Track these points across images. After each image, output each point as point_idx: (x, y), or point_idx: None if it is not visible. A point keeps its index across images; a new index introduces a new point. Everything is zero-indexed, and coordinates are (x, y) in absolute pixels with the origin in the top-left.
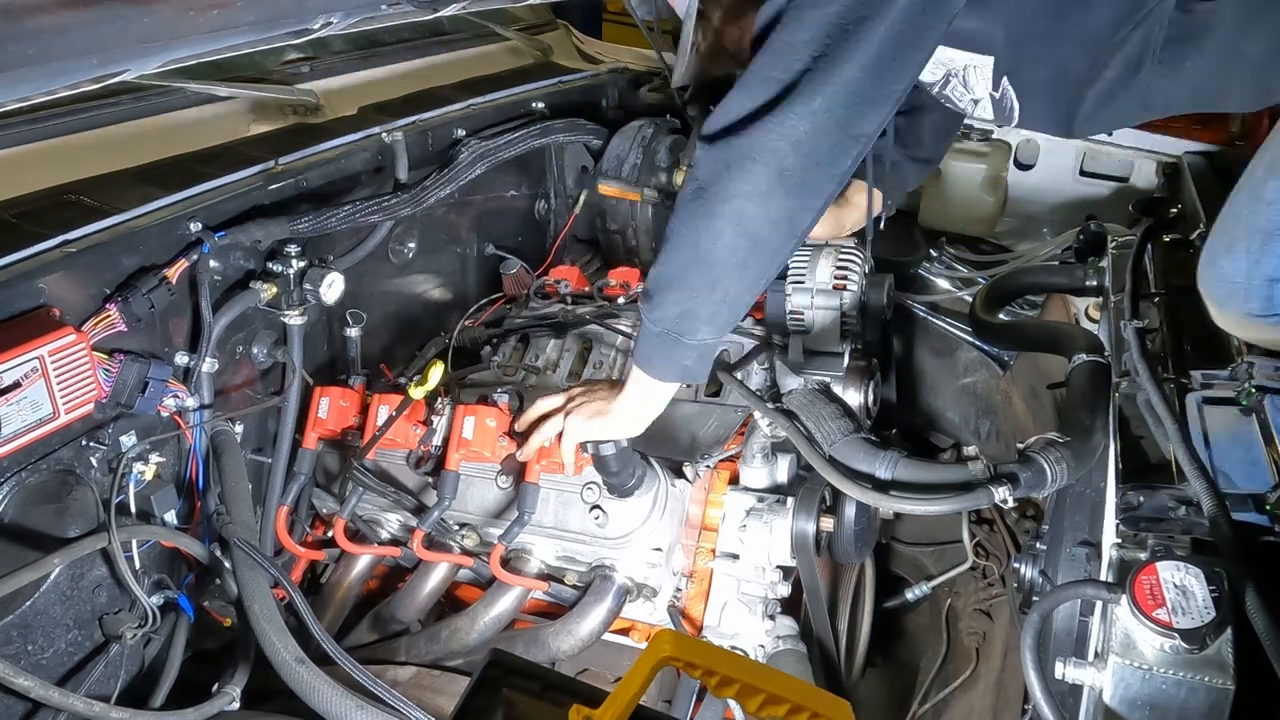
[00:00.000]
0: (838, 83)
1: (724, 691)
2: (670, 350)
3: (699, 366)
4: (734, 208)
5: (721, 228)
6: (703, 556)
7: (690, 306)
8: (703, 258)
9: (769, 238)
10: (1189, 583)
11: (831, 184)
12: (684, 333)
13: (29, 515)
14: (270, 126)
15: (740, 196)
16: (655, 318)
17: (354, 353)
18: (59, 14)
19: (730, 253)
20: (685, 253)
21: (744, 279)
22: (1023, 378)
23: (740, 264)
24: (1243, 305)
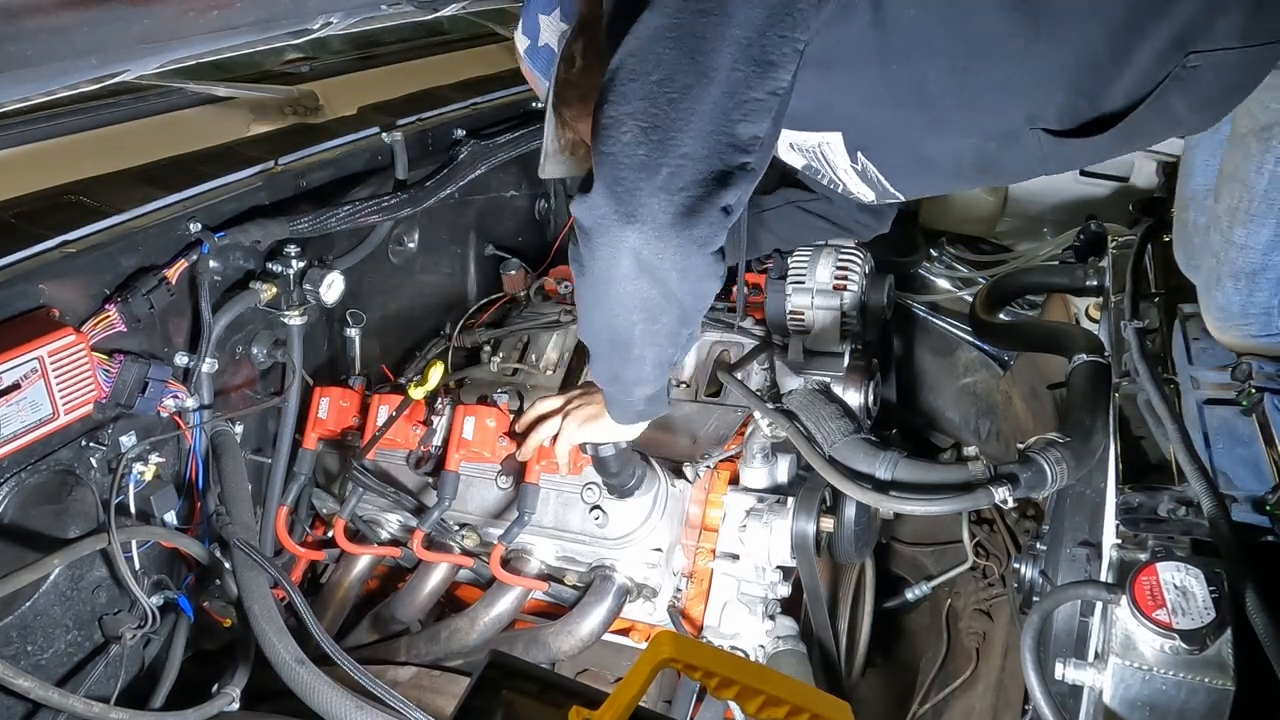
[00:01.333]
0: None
1: (724, 693)
2: (619, 403)
3: (651, 407)
4: (621, 292)
5: (613, 308)
6: (703, 557)
7: (616, 373)
8: (609, 335)
9: (666, 307)
10: (1189, 583)
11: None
12: (617, 390)
13: (29, 516)
14: (270, 126)
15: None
16: (596, 379)
17: (354, 353)
18: (59, 14)
19: (630, 329)
20: (594, 330)
21: (657, 343)
22: (1023, 378)
23: (645, 335)
24: (1241, 329)
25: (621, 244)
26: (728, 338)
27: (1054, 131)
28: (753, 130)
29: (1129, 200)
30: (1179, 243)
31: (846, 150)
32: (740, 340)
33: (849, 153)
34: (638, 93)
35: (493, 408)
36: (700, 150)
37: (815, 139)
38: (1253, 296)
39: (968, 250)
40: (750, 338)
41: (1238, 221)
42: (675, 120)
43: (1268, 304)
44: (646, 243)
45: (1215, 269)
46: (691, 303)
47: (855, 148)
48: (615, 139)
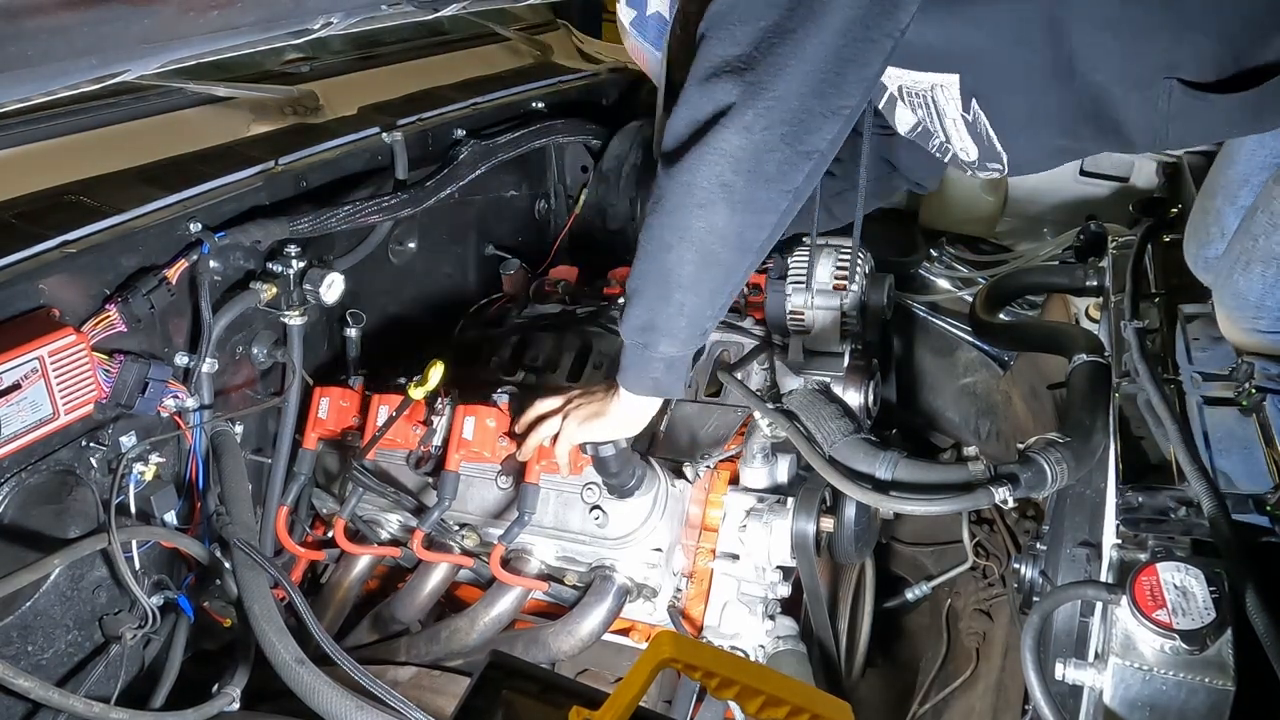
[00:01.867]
0: (773, 99)
1: (724, 693)
2: (639, 362)
3: (668, 379)
4: (683, 222)
5: (672, 242)
6: (703, 557)
7: (650, 319)
8: (659, 271)
9: (720, 253)
10: (1189, 584)
11: (784, 200)
12: (647, 344)
13: (29, 516)
14: (270, 126)
15: (688, 212)
16: (625, 329)
17: (354, 353)
18: (59, 14)
19: (682, 267)
20: (644, 265)
21: (700, 293)
22: (1023, 378)
23: (694, 279)
24: (1253, 321)
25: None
26: (728, 338)
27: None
28: (861, 73)
29: (1129, 200)
30: (1194, 232)
31: (961, 96)
32: (740, 340)
33: (963, 99)
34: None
35: (493, 408)
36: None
37: (930, 81)
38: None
39: (968, 250)
40: (750, 338)
41: None
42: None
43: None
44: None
45: (1247, 252)
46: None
47: (971, 93)
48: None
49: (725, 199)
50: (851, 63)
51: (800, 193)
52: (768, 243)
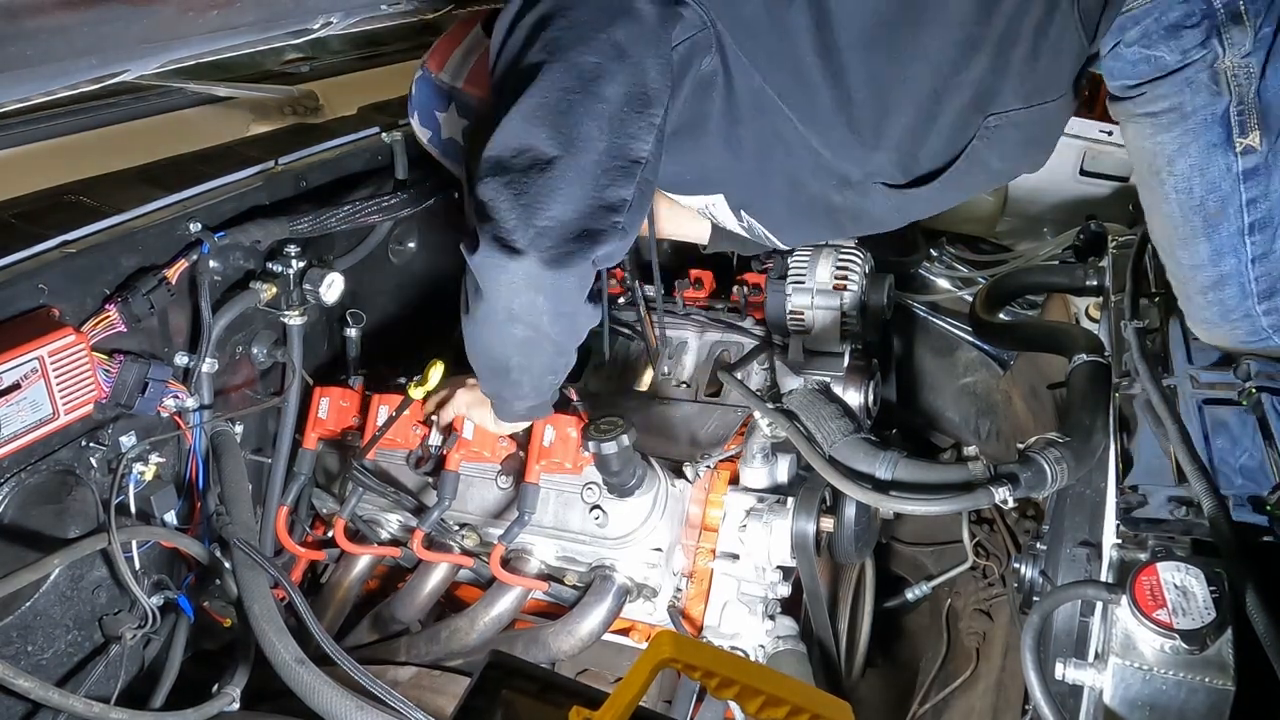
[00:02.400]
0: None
1: (724, 693)
2: (502, 408)
3: (535, 414)
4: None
5: (492, 343)
6: (703, 556)
7: (498, 391)
8: (491, 365)
9: (539, 342)
10: (1189, 583)
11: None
12: (503, 404)
13: (29, 516)
14: (270, 126)
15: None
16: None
17: (354, 353)
18: (59, 14)
19: (509, 359)
20: (476, 357)
21: (532, 371)
22: (1023, 378)
23: (522, 364)
24: (1230, 335)
25: (501, 292)
26: (728, 338)
27: (891, 185)
28: (619, 194)
29: (1129, 200)
30: None
31: (731, 210)
32: (740, 340)
33: (734, 212)
34: (513, 165)
35: None
36: (569, 213)
37: (702, 201)
38: (1225, 304)
39: (968, 250)
40: (750, 338)
41: (1175, 247)
42: (544, 189)
43: (1242, 307)
44: (519, 293)
45: (1183, 288)
46: (564, 340)
47: (738, 207)
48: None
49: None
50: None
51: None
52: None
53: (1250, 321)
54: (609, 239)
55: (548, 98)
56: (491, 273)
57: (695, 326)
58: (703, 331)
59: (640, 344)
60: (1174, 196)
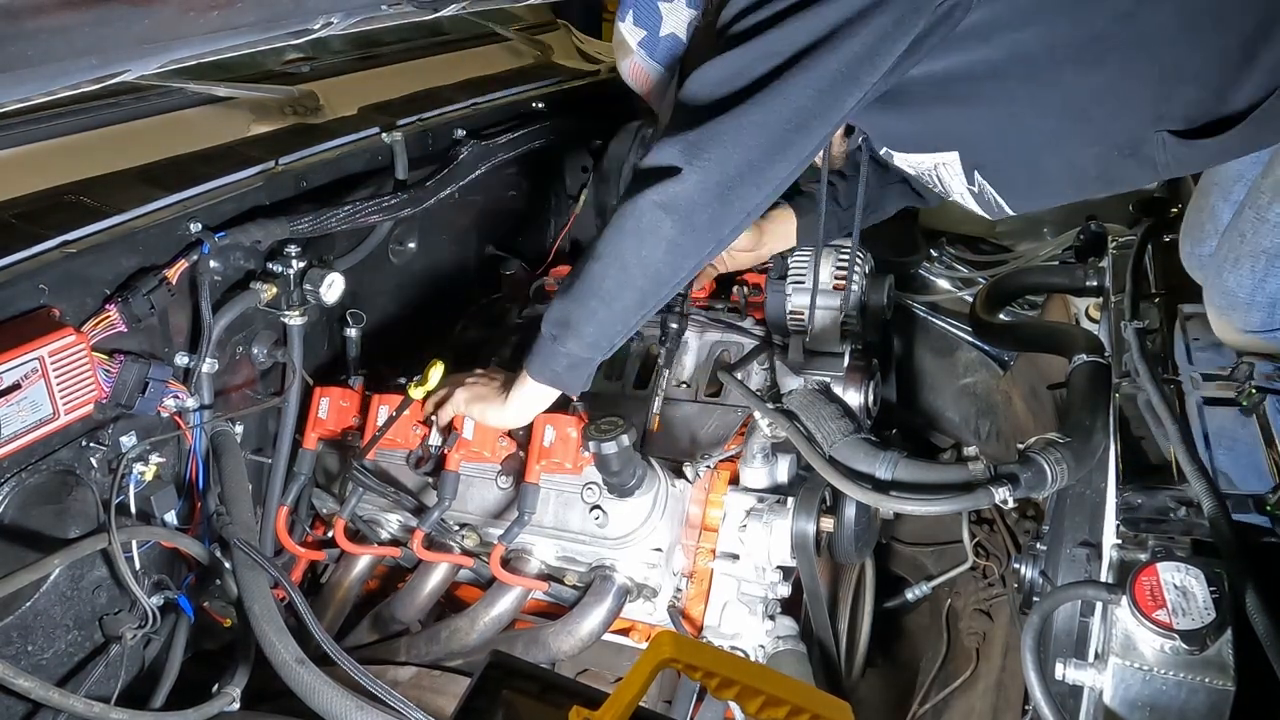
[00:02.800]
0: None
1: (724, 693)
2: (546, 352)
3: (568, 376)
4: (616, 242)
5: (603, 254)
6: (703, 556)
7: (565, 315)
8: (585, 276)
9: (638, 279)
10: (1189, 584)
11: (708, 246)
12: (557, 337)
13: (29, 516)
14: (270, 126)
15: (622, 235)
16: (545, 318)
17: (354, 353)
18: (59, 14)
19: (605, 279)
20: (578, 267)
21: (612, 307)
22: (1023, 378)
23: (611, 293)
24: (1244, 319)
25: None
26: (728, 338)
27: (1179, 133)
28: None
29: (1129, 200)
30: (1189, 230)
31: (964, 170)
32: (740, 340)
33: (965, 173)
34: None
35: None
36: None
37: (931, 160)
38: (1266, 281)
39: (968, 250)
40: (750, 338)
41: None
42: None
43: (1276, 294)
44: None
45: (1237, 248)
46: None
47: (972, 167)
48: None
49: (654, 235)
50: (789, 145)
51: (724, 241)
52: (685, 279)
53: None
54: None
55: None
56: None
57: (695, 326)
58: (703, 331)
59: (640, 344)
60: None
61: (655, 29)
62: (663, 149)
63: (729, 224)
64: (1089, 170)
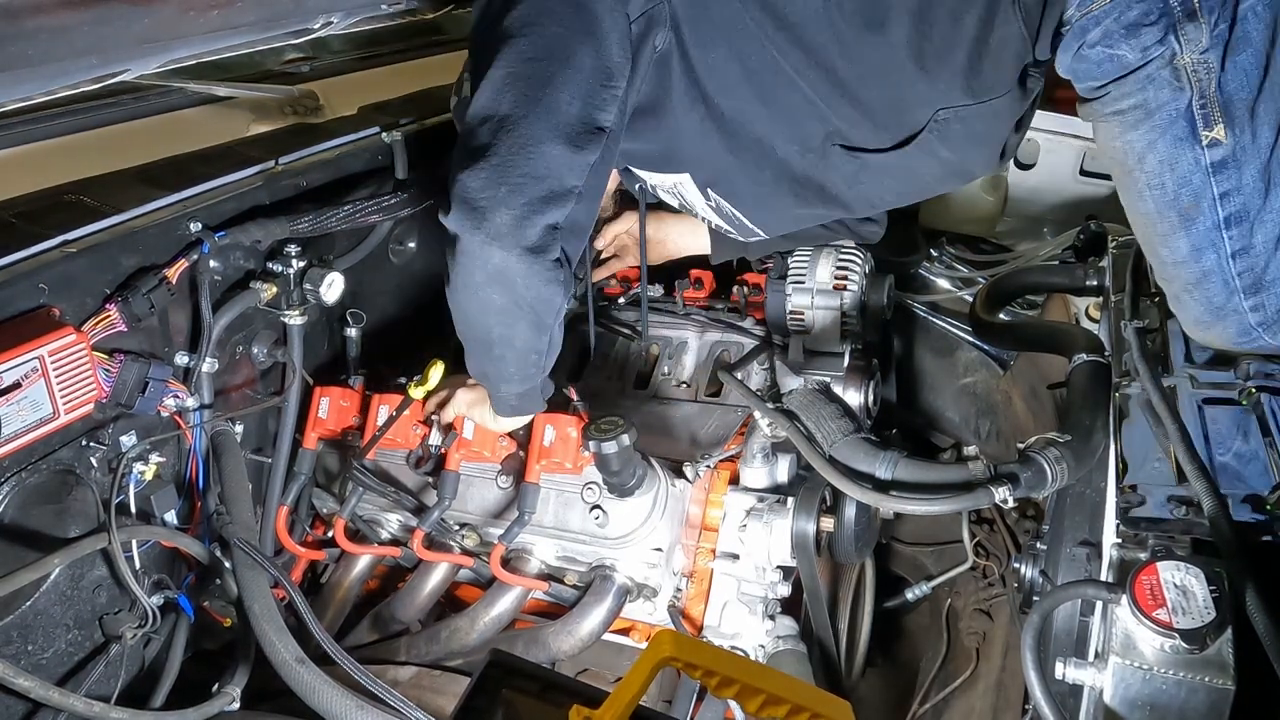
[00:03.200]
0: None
1: (724, 692)
2: (494, 397)
3: (524, 404)
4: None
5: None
6: (703, 556)
7: (483, 369)
8: (474, 334)
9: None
10: (1189, 583)
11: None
12: (488, 386)
13: (29, 515)
14: (270, 126)
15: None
16: (469, 370)
17: (354, 353)
18: (59, 14)
19: (490, 331)
20: (461, 329)
21: (514, 344)
22: (1023, 378)
23: (503, 336)
24: (1221, 334)
25: (475, 255)
26: (728, 338)
27: (848, 148)
28: (583, 159)
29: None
30: None
31: (698, 188)
32: (740, 340)
33: (700, 190)
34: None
35: None
36: (532, 173)
37: (670, 180)
38: (1211, 301)
39: (968, 250)
40: (750, 338)
41: (1156, 244)
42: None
43: (1229, 304)
44: (492, 254)
45: (1170, 288)
46: (539, 307)
47: (705, 184)
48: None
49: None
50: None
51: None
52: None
53: (1238, 319)
54: (568, 202)
55: (515, 67)
56: (464, 235)
57: (695, 326)
58: (703, 331)
59: (641, 344)
60: (1148, 193)
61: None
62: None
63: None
64: (798, 170)
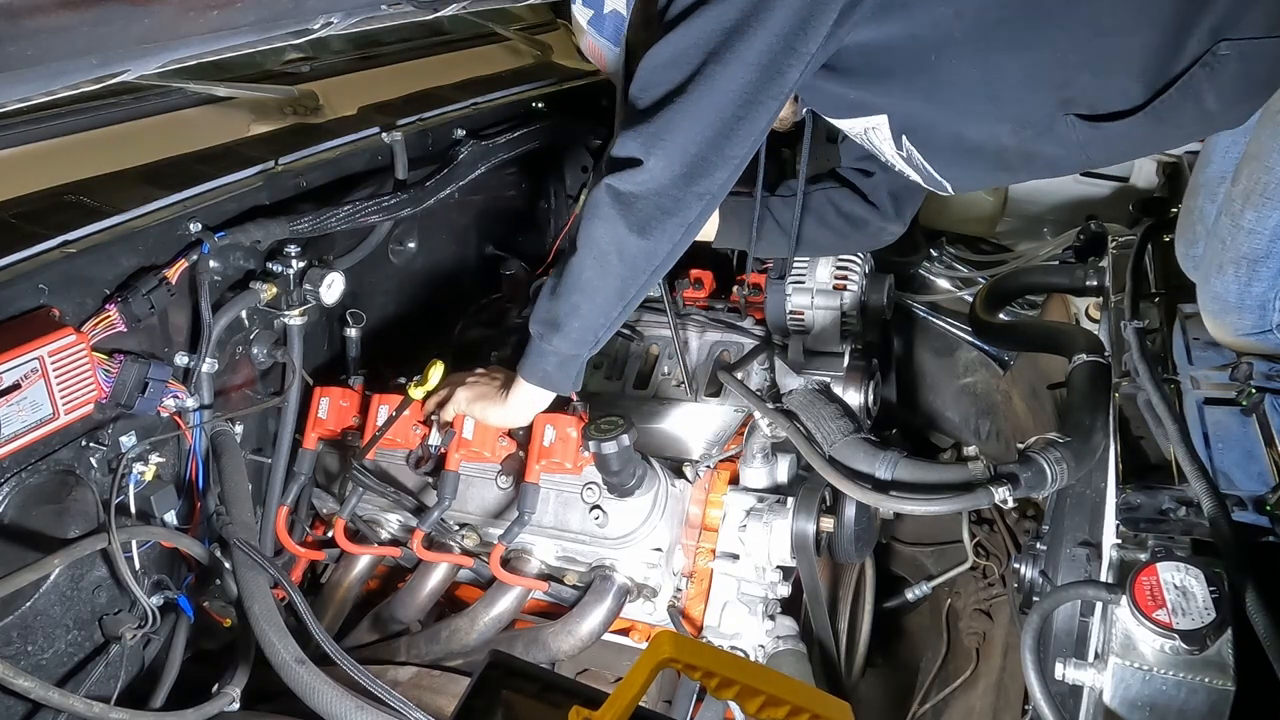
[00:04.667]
0: (670, 146)
1: (724, 693)
2: (535, 352)
3: (557, 375)
4: (590, 231)
5: (578, 246)
6: (703, 556)
7: (550, 314)
8: (564, 271)
9: (615, 266)
10: (1189, 583)
11: (677, 232)
12: (543, 336)
13: (29, 516)
14: (270, 126)
15: (594, 223)
16: (531, 320)
17: (354, 353)
18: (59, 14)
19: (582, 271)
20: (560, 264)
21: (594, 299)
22: (1023, 378)
23: (590, 284)
24: (1235, 322)
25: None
26: (728, 338)
27: (1086, 117)
28: (749, 130)
29: (1129, 200)
30: (1182, 232)
31: (892, 135)
32: (740, 340)
33: (894, 138)
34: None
35: None
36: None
37: (862, 124)
38: (1251, 285)
39: (968, 250)
40: (750, 338)
41: (1250, 204)
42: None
43: (1264, 296)
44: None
45: (1219, 254)
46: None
47: (900, 131)
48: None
49: (624, 219)
50: (741, 120)
51: (693, 227)
52: (663, 267)
53: (1261, 313)
54: (722, 171)
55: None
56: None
57: (695, 326)
58: (703, 331)
59: (641, 344)
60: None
61: (600, 7)
62: (624, 141)
63: (694, 208)
64: (1008, 144)
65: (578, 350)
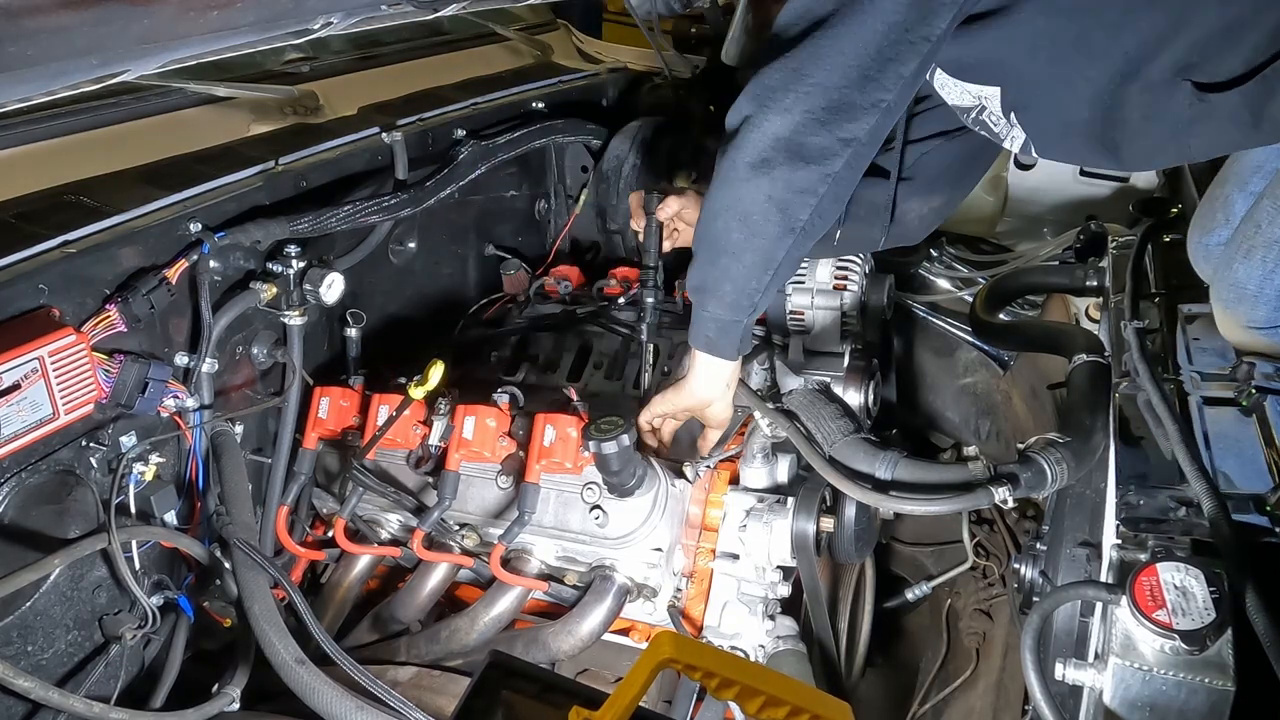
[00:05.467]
0: (812, 85)
1: (724, 693)
2: (696, 319)
3: (720, 341)
4: (730, 193)
5: (720, 210)
6: (703, 556)
7: (700, 280)
8: (709, 236)
9: (762, 226)
10: (1189, 584)
11: (823, 184)
12: (699, 303)
13: (29, 516)
14: (270, 126)
15: (734, 184)
16: (686, 286)
17: (354, 353)
18: (59, 14)
19: (729, 234)
20: (700, 230)
21: (743, 262)
22: (1023, 378)
23: (738, 246)
24: (1249, 313)
25: (746, 146)
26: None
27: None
28: (898, 70)
29: (1129, 200)
30: (1199, 220)
31: (1002, 109)
32: None
33: (1004, 111)
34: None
35: (493, 408)
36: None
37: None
38: (1275, 273)
39: (968, 250)
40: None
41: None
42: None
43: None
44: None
45: (1251, 238)
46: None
47: (1011, 107)
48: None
49: (766, 174)
50: (891, 60)
51: (840, 179)
52: (810, 227)
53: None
54: (868, 116)
55: None
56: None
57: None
58: None
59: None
60: None
61: None
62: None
63: (841, 156)
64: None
65: (735, 315)
